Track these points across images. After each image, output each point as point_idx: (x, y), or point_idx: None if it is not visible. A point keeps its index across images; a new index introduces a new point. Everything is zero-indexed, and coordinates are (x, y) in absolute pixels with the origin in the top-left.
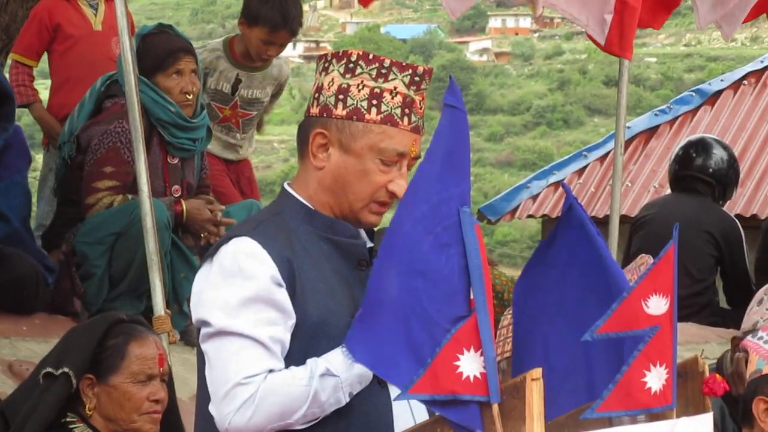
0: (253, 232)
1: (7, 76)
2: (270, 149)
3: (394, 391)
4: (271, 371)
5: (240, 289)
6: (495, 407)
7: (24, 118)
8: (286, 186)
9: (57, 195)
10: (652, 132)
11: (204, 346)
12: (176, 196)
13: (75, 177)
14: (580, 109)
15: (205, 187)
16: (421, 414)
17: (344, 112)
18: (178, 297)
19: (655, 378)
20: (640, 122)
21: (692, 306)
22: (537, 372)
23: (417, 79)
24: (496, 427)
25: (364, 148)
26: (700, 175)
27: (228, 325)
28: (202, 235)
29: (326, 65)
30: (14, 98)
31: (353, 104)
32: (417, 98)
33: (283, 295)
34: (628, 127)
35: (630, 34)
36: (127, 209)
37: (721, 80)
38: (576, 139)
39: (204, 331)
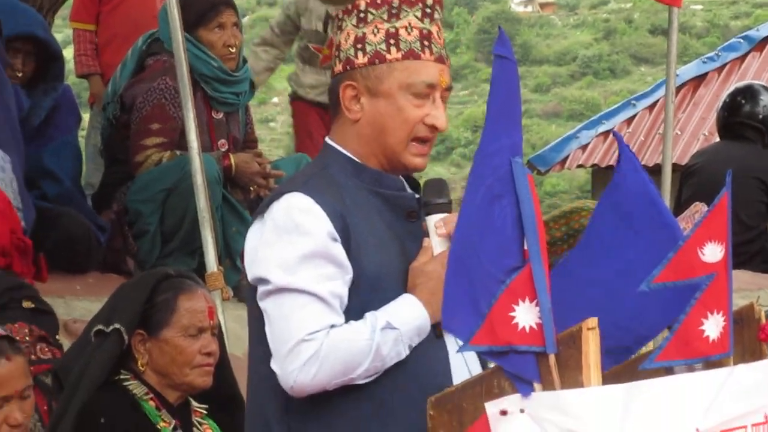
0: (303, 187)
1: (71, 46)
2: None
3: (450, 341)
4: (332, 327)
5: (297, 245)
6: (551, 357)
7: (71, 77)
8: (329, 141)
9: (104, 156)
10: (700, 80)
11: (263, 304)
12: (223, 150)
13: (120, 136)
14: (627, 58)
15: (252, 142)
16: (475, 366)
17: (365, 59)
18: (231, 252)
19: (713, 326)
20: (689, 70)
21: (744, 253)
22: (593, 321)
23: (428, 10)
24: (553, 377)
25: (392, 87)
26: (749, 121)
27: (288, 282)
28: (251, 188)
29: (339, 23)
30: (62, 57)
31: (372, 49)
32: (433, 29)
33: (339, 250)
34: (677, 75)
35: None
36: (177, 165)
37: None
38: (623, 88)
39: (262, 289)
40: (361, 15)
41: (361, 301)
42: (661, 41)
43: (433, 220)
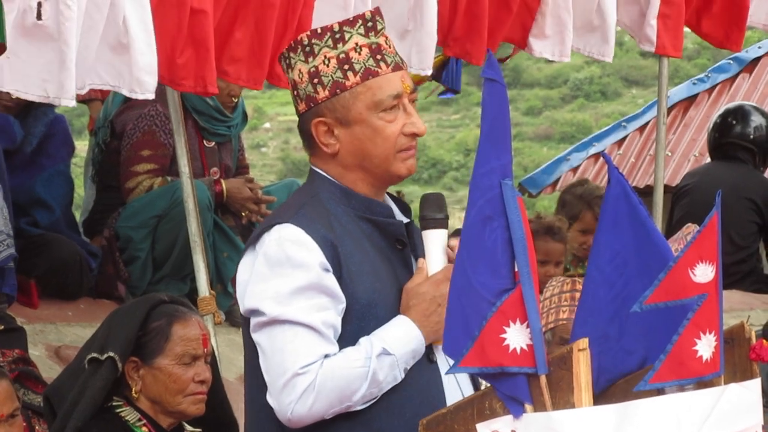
0: (294, 217)
1: None
2: None
3: (443, 365)
4: (326, 356)
5: (290, 278)
6: (543, 378)
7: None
8: (315, 168)
9: (95, 182)
10: (690, 101)
11: (256, 336)
12: (215, 178)
13: (111, 162)
14: (618, 80)
15: (243, 168)
16: (468, 388)
17: (327, 92)
18: (222, 277)
19: (706, 346)
20: (679, 91)
21: (736, 274)
22: (584, 342)
23: (370, 24)
24: (545, 398)
25: (362, 112)
26: (740, 142)
27: (281, 314)
28: (243, 214)
29: (288, 61)
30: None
31: (329, 80)
32: (381, 41)
33: (331, 280)
34: (667, 97)
35: (678, 32)
36: (167, 191)
37: (759, 47)
38: (614, 110)
39: (255, 320)
40: (307, 49)
41: (354, 328)
42: (652, 63)
43: (430, 235)
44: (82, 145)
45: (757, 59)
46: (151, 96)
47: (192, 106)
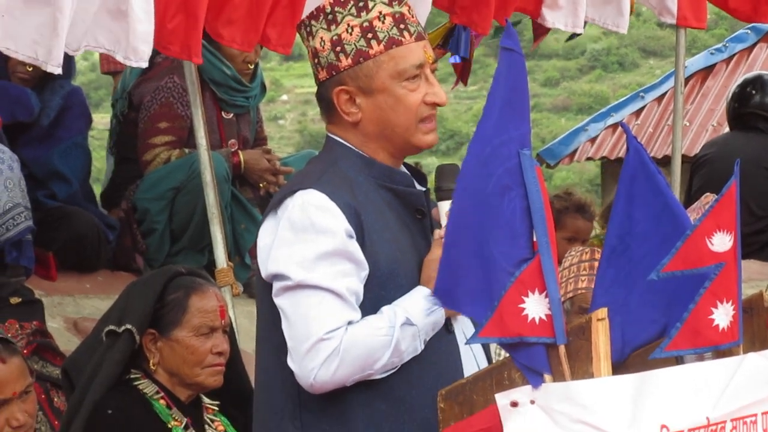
0: (317, 183)
1: None
2: None
3: (460, 336)
4: (350, 323)
5: (315, 243)
6: (561, 348)
7: (80, 78)
8: (333, 136)
9: (114, 153)
10: (708, 71)
11: (279, 301)
12: (233, 149)
13: (128, 134)
14: (635, 51)
15: (261, 140)
16: (483, 361)
17: (350, 61)
18: (240, 249)
19: (723, 315)
20: (697, 62)
21: (755, 243)
22: (603, 312)
23: None
24: (564, 368)
25: (385, 81)
26: (760, 111)
27: (306, 279)
28: (260, 185)
29: (308, 29)
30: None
31: (353, 49)
32: (404, 10)
33: (355, 247)
34: (685, 67)
35: (701, 2)
36: (185, 163)
37: None
38: (632, 81)
39: (279, 285)
40: (330, 17)
41: (375, 296)
42: (669, 34)
43: (446, 206)
44: (99, 118)
45: None
46: (145, 64)
47: (210, 77)
